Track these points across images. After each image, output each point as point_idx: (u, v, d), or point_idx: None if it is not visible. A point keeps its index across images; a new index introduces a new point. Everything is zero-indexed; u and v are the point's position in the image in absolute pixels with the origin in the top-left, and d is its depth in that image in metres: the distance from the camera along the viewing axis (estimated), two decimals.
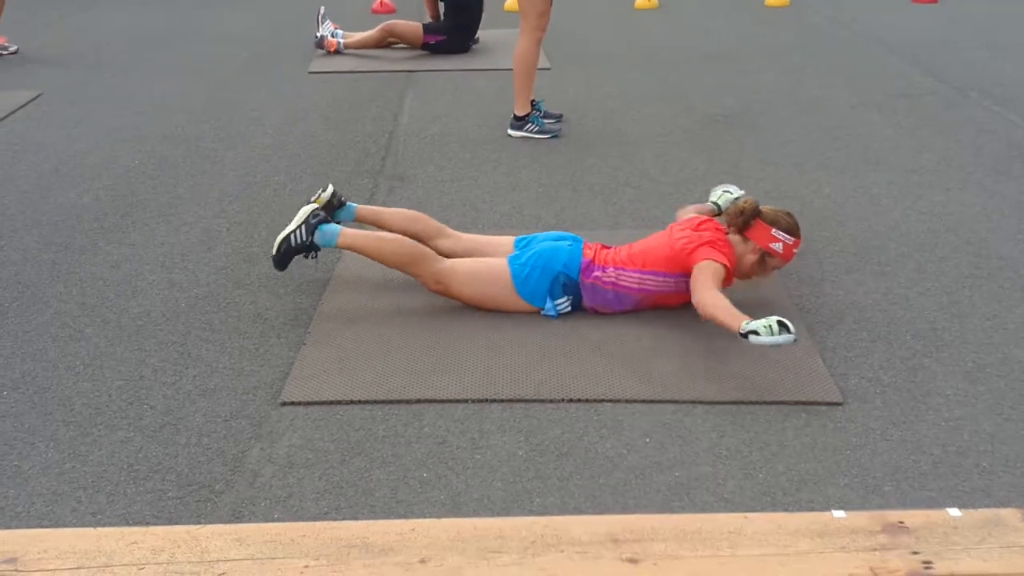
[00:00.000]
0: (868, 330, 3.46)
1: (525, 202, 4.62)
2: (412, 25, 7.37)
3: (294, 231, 3.57)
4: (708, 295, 3.24)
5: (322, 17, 7.48)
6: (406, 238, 3.60)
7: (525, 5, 5.28)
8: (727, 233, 3.53)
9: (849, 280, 3.82)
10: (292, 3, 9.42)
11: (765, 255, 3.50)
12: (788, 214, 3.53)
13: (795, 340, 2.99)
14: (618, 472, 2.72)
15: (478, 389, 3.09)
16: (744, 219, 3.49)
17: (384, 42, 7.43)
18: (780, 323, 2.98)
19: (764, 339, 2.96)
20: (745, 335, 3.00)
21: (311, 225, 3.56)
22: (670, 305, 3.53)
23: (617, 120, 5.85)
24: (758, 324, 2.99)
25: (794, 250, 3.51)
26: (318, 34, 7.46)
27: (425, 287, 3.58)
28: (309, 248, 3.57)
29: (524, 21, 5.35)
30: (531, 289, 3.49)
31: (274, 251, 3.59)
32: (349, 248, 3.60)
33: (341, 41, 7.41)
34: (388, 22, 7.44)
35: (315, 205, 3.66)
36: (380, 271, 3.80)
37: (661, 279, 3.46)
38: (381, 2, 9.10)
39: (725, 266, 3.37)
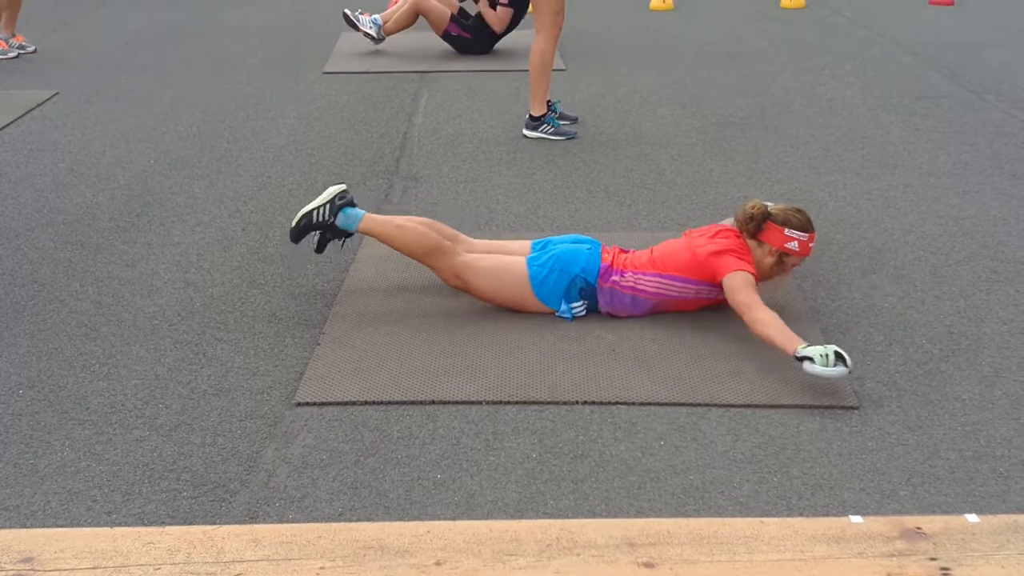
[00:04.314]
0: (884, 334, 3.44)
1: (540, 203, 4.62)
2: (441, 9, 7.24)
3: (318, 208, 3.56)
4: (761, 313, 3.22)
5: (355, 17, 7.39)
6: (426, 229, 3.58)
7: (540, 4, 5.27)
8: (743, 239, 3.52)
9: (865, 283, 3.81)
10: (306, 1, 9.42)
11: (782, 255, 3.49)
12: (798, 211, 3.52)
13: (849, 373, 3.01)
14: (632, 475, 2.71)
15: (492, 391, 3.09)
16: (755, 224, 3.48)
17: (415, 19, 7.32)
18: (837, 354, 2.99)
19: (818, 369, 2.98)
20: (800, 359, 3.01)
21: (336, 205, 3.55)
22: (687, 309, 3.52)
23: (632, 121, 5.84)
24: (814, 351, 2.99)
25: (810, 245, 3.50)
26: (364, 31, 7.38)
27: (444, 281, 3.58)
28: (327, 228, 3.56)
29: (539, 20, 5.34)
30: (548, 290, 3.49)
31: (293, 222, 3.58)
32: (369, 233, 3.59)
33: (383, 35, 7.36)
34: None
35: (343, 186, 3.64)
36: (394, 273, 3.80)
37: (681, 285, 3.45)
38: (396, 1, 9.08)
39: (753, 274, 3.37)
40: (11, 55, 7.34)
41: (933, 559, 1.85)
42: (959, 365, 3.26)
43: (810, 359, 2.99)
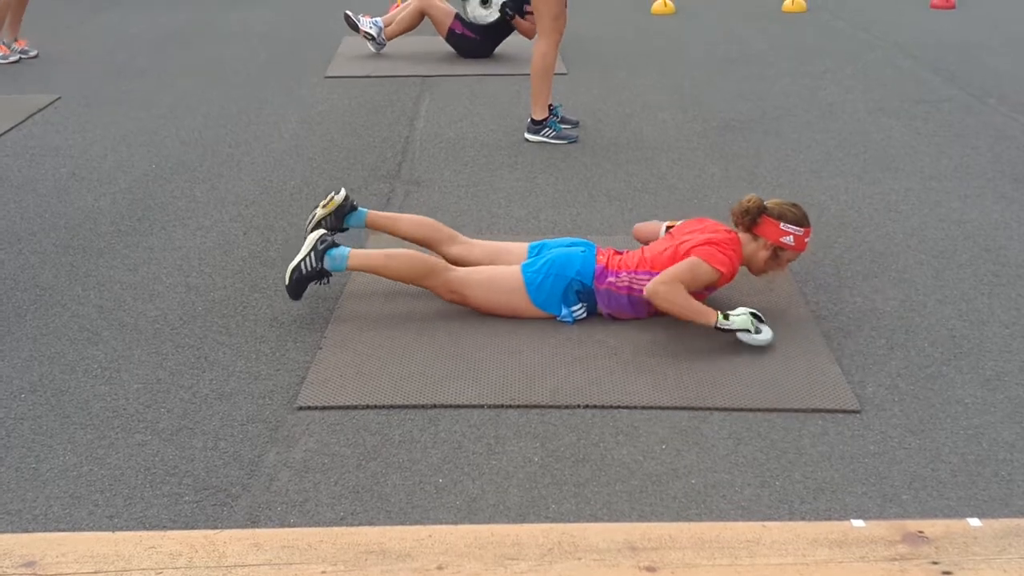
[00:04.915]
0: (886, 337, 3.44)
1: (541, 207, 4.62)
2: (445, 8, 7.25)
3: (303, 259, 3.54)
4: (672, 289, 3.31)
5: (356, 19, 7.38)
6: (416, 253, 3.58)
7: (540, 7, 5.28)
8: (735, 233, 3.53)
9: (867, 287, 3.81)
10: (308, 4, 9.44)
11: (777, 249, 3.50)
12: (794, 205, 3.53)
13: (772, 337, 3.31)
14: (634, 479, 2.71)
15: (494, 394, 3.09)
16: (750, 217, 3.49)
17: (420, 20, 7.33)
18: (754, 315, 3.31)
19: (752, 338, 3.29)
20: (729, 331, 3.28)
21: (319, 251, 3.54)
22: None
23: (633, 125, 5.84)
24: (740, 322, 3.28)
25: (806, 240, 3.51)
26: (364, 32, 7.36)
27: (441, 298, 3.57)
28: (320, 275, 3.56)
29: (539, 24, 5.36)
30: (545, 296, 3.49)
31: (286, 281, 3.56)
32: (359, 269, 3.60)
33: (384, 39, 7.38)
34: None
35: (321, 231, 3.64)
36: None
37: None
38: (397, 6, 9.09)
39: (717, 270, 3.37)
40: (12, 59, 7.35)
41: (935, 563, 1.85)
42: (961, 369, 3.26)
43: (745, 330, 3.28)
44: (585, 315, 3.51)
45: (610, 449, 2.84)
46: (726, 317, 3.29)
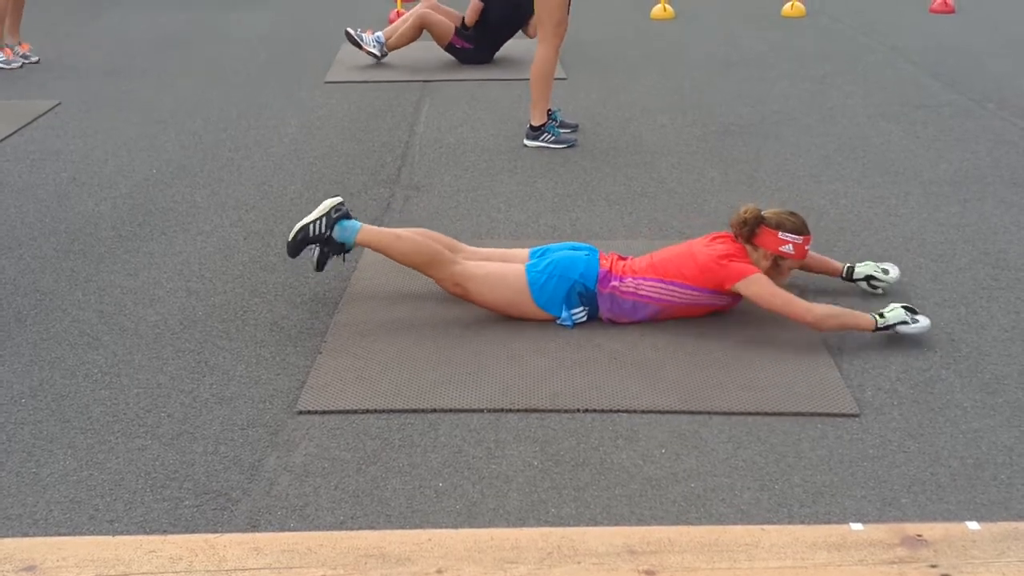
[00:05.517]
0: (885, 341, 3.45)
1: (541, 211, 4.63)
2: (445, 23, 7.27)
3: (314, 221, 3.56)
4: (814, 309, 3.36)
5: (358, 37, 7.37)
6: (426, 239, 3.59)
7: (542, 14, 5.30)
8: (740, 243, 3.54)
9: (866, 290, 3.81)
10: (307, 6, 9.45)
11: (778, 259, 3.51)
12: (791, 214, 3.54)
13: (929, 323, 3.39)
14: (634, 483, 2.72)
15: (494, 399, 3.10)
16: (749, 228, 3.49)
17: (419, 34, 7.35)
18: (906, 308, 3.37)
19: (911, 329, 3.35)
20: (887, 328, 3.34)
21: (332, 218, 3.56)
22: (688, 316, 3.53)
23: (633, 129, 5.85)
24: (895, 317, 3.34)
25: (806, 247, 3.52)
26: (368, 50, 7.35)
27: (444, 289, 3.58)
28: (325, 241, 3.56)
29: (541, 30, 5.37)
30: (548, 297, 3.50)
31: (290, 236, 3.58)
32: (367, 245, 3.60)
33: (386, 51, 7.38)
34: (422, 11, 7.25)
35: (339, 199, 3.64)
36: (396, 281, 3.81)
37: (682, 291, 3.46)
38: (398, 12, 9.10)
39: (757, 272, 3.41)
40: (15, 65, 7.36)
41: (934, 566, 1.86)
42: (960, 372, 3.26)
43: (902, 322, 3.34)
44: (585, 319, 3.52)
45: (609, 453, 2.84)
46: (881, 316, 3.35)
